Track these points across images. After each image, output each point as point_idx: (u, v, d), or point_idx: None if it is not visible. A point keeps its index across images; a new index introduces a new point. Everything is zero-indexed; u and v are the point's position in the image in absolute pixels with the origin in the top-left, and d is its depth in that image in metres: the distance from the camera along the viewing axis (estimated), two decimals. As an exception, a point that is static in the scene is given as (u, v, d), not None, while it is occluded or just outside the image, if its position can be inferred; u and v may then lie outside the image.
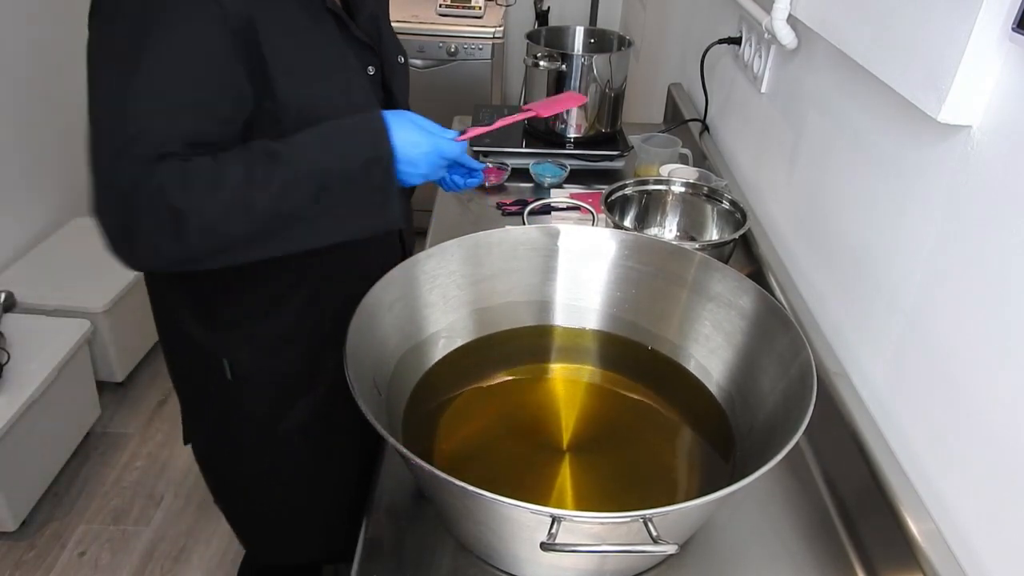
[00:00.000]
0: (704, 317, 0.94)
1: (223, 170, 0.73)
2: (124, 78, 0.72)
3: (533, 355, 0.99)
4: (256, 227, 0.74)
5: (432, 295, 0.94)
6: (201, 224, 0.72)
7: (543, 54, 1.55)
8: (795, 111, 1.20)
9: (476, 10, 2.79)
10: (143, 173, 0.71)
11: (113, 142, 0.72)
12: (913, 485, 0.79)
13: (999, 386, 0.68)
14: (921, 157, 0.82)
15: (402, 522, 0.83)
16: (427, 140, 0.81)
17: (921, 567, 0.72)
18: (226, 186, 0.72)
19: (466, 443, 0.85)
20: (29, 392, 1.72)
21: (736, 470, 0.81)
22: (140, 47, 0.73)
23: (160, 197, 0.71)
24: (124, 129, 0.72)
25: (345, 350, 0.74)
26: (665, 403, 0.92)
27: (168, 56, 0.73)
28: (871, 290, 0.92)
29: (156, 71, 0.73)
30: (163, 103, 0.73)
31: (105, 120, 0.73)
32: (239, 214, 0.73)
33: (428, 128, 0.83)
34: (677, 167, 1.43)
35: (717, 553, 0.82)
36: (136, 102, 0.72)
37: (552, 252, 1.00)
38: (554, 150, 1.62)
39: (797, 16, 1.12)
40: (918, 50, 0.77)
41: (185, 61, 0.74)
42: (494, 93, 2.81)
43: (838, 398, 0.91)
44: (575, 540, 0.63)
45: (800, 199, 1.17)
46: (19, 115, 2.15)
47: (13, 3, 2.07)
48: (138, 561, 1.77)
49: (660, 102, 2.10)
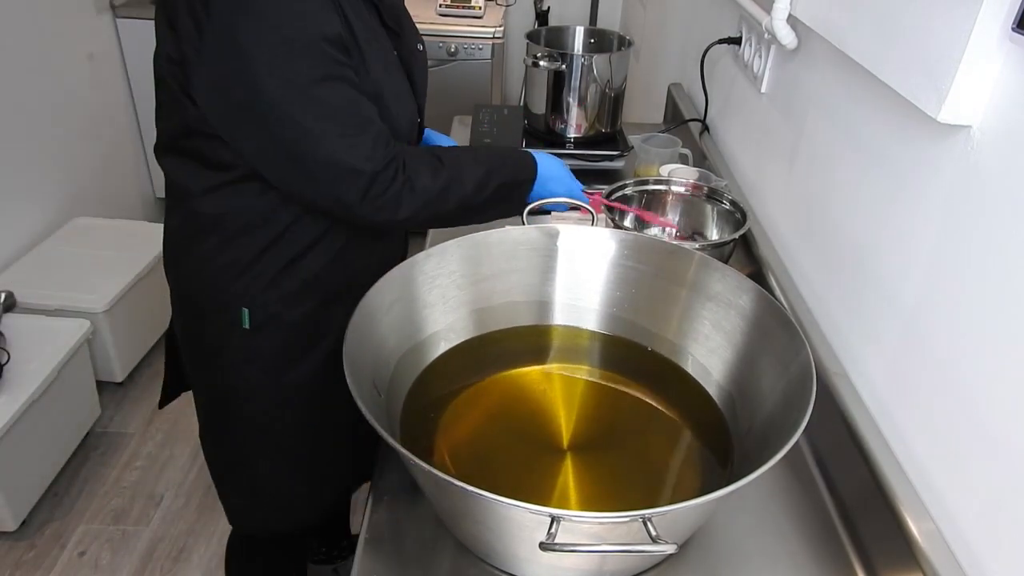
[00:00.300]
0: (704, 317, 0.94)
1: (440, 164, 0.97)
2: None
3: (533, 355, 0.99)
4: (449, 208, 0.98)
5: (431, 295, 0.94)
6: (425, 198, 0.94)
7: (543, 54, 1.55)
8: (795, 111, 1.20)
9: (476, 10, 2.79)
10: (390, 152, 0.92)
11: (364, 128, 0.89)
12: (913, 485, 0.79)
13: (999, 386, 0.68)
14: (921, 157, 0.82)
15: (402, 522, 0.83)
16: (566, 174, 1.14)
17: (921, 567, 0.72)
18: (442, 174, 0.96)
19: (465, 443, 0.85)
20: (29, 392, 1.72)
21: (735, 470, 0.81)
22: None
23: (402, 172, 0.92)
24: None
25: (344, 350, 0.74)
26: (664, 403, 0.92)
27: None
28: (871, 290, 0.92)
29: None
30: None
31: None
32: (445, 196, 0.96)
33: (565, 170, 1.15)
34: (677, 167, 1.43)
35: (717, 553, 0.82)
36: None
37: (551, 252, 1.00)
38: (554, 150, 1.62)
39: (797, 16, 1.12)
40: (918, 50, 0.77)
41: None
42: (494, 93, 2.81)
43: (838, 398, 0.91)
44: (574, 540, 0.63)
45: (800, 199, 1.17)
46: (19, 115, 2.15)
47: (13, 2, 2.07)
48: (138, 561, 1.78)
49: (660, 102, 2.10)
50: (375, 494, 0.86)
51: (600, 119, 1.62)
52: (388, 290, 0.88)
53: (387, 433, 0.66)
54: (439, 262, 0.94)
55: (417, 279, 0.93)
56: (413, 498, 0.86)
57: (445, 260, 0.95)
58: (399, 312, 0.89)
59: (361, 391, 0.71)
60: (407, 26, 1.06)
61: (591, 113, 1.60)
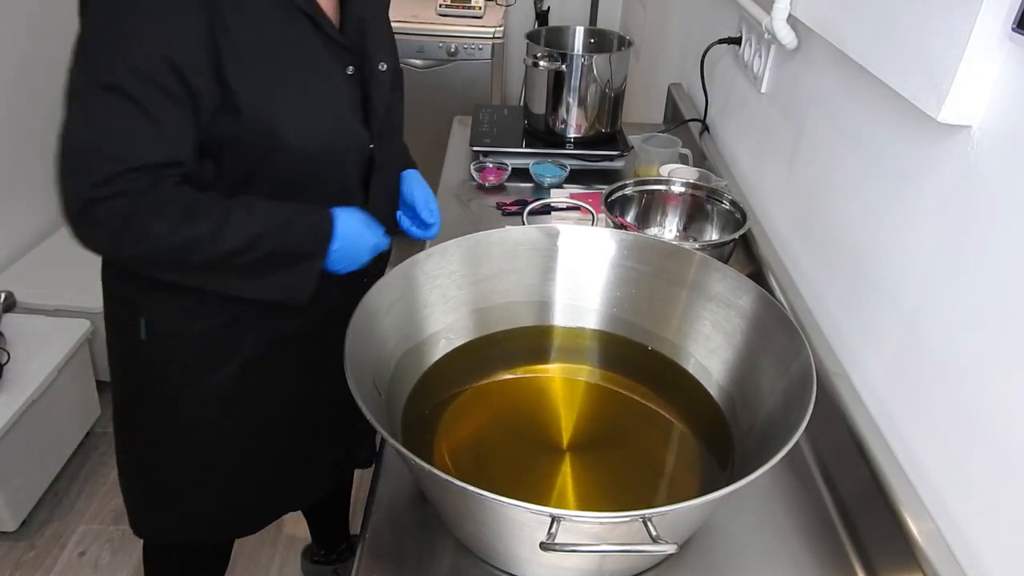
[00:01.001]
0: (704, 317, 0.94)
1: (196, 215, 0.84)
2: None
3: (533, 355, 0.99)
4: (194, 263, 0.86)
5: (432, 295, 0.94)
6: (157, 245, 0.82)
7: (543, 54, 1.55)
8: (795, 111, 1.20)
9: (476, 10, 2.79)
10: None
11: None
12: (913, 485, 0.79)
13: (999, 385, 0.68)
14: (921, 157, 0.82)
15: (402, 522, 0.83)
16: (369, 238, 0.95)
17: (921, 567, 0.72)
18: (192, 226, 0.83)
19: (466, 443, 0.85)
20: (29, 392, 1.72)
21: (736, 470, 0.81)
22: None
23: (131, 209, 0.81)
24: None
25: (345, 351, 0.74)
26: (665, 403, 0.92)
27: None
28: (871, 290, 0.92)
29: None
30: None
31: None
32: (188, 249, 0.84)
33: (372, 227, 0.96)
34: (677, 167, 1.43)
35: (717, 553, 0.82)
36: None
37: (552, 252, 1.00)
38: (554, 150, 1.62)
39: (797, 16, 1.13)
40: (918, 50, 0.77)
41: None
42: (494, 93, 2.81)
43: (838, 398, 0.91)
44: (575, 540, 0.63)
45: (800, 199, 1.17)
46: (19, 115, 2.15)
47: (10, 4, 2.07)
48: (138, 561, 1.77)
49: (660, 102, 2.10)
50: (375, 495, 0.86)
51: (600, 119, 1.62)
52: (389, 290, 0.88)
53: (388, 433, 0.66)
54: (439, 262, 0.94)
55: (418, 279, 0.93)
56: (413, 499, 0.86)
57: (445, 260, 0.95)
58: (399, 312, 0.89)
59: (362, 391, 0.71)
60: (373, 42, 0.96)
61: (591, 113, 1.60)
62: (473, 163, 1.57)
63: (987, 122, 0.71)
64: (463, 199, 1.52)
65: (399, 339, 0.89)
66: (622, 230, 1.11)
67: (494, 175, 1.56)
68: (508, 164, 1.57)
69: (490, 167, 1.57)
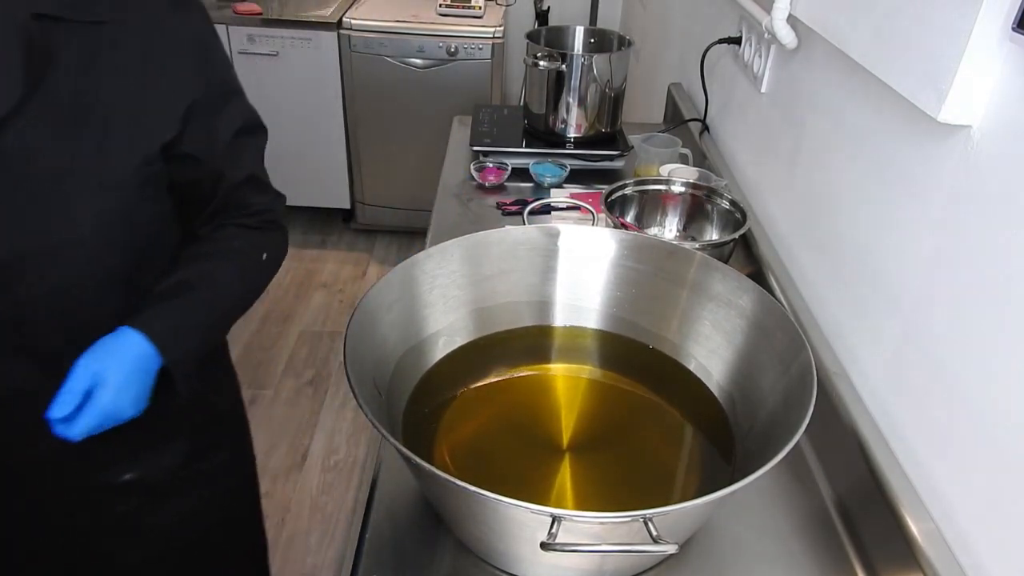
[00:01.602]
0: (704, 317, 0.94)
1: None
2: None
3: (533, 355, 0.99)
4: None
5: (432, 295, 0.94)
6: None
7: (543, 54, 1.55)
8: (795, 111, 1.20)
9: (476, 10, 2.79)
10: None
11: None
12: (913, 485, 0.79)
13: (999, 385, 0.68)
14: (921, 157, 0.82)
15: (402, 522, 0.83)
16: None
17: (921, 567, 0.72)
18: None
19: (466, 443, 0.85)
20: None
21: (736, 470, 0.81)
22: None
23: None
24: None
25: (345, 351, 0.74)
26: (665, 403, 0.92)
27: None
28: (871, 290, 0.92)
29: None
30: None
31: None
32: None
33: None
34: (677, 167, 1.43)
35: (717, 553, 0.82)
36: None
37: (552, 252, 1.00)
38: (554, 150, 1.62)
39: (797, 16, 1.13)
40: (918, 50, 0.77)
41: None
42: (494, 93, 2.81)
43: (838, 398, 0.91)
44: (575, 540, 0.63)
45: (800, 199, 1.17)
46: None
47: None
48: (138, 561, 1.77)
49: (660, 102, 2.10)
50: (375, 495, 0.86)
51: (600, 119, 1.62)
52: (389, 290, 0.88)
53: (388, 433, 0.66)
54: (440, 262, 0.94)
55: (418, 279, 0.93)
56: (413, 498, 0.86)
57: (446, 260, 0.95)
58: (400, 312, 0.89)
59: (362, 391, 0.71)
60: None
61: (591, 113, 1.60)
62: (473, 163, 1.58)
63: (987, 122, 0.71)
64: (463, 199, 1.52)
65: (399, 339, 0.89)
66: (622, 230, 1.11)
67: (494, 175, 1.56)
68: (508, 164, 1.57)
69: (490, 167, 1.57)
